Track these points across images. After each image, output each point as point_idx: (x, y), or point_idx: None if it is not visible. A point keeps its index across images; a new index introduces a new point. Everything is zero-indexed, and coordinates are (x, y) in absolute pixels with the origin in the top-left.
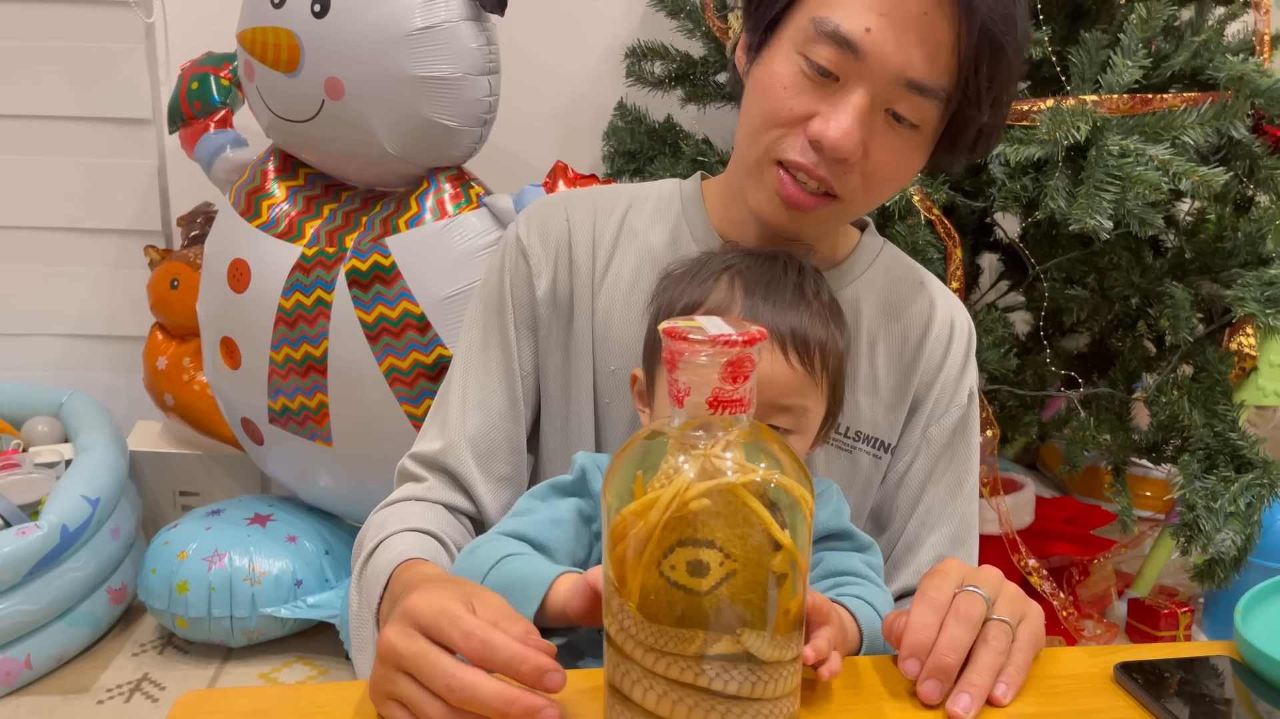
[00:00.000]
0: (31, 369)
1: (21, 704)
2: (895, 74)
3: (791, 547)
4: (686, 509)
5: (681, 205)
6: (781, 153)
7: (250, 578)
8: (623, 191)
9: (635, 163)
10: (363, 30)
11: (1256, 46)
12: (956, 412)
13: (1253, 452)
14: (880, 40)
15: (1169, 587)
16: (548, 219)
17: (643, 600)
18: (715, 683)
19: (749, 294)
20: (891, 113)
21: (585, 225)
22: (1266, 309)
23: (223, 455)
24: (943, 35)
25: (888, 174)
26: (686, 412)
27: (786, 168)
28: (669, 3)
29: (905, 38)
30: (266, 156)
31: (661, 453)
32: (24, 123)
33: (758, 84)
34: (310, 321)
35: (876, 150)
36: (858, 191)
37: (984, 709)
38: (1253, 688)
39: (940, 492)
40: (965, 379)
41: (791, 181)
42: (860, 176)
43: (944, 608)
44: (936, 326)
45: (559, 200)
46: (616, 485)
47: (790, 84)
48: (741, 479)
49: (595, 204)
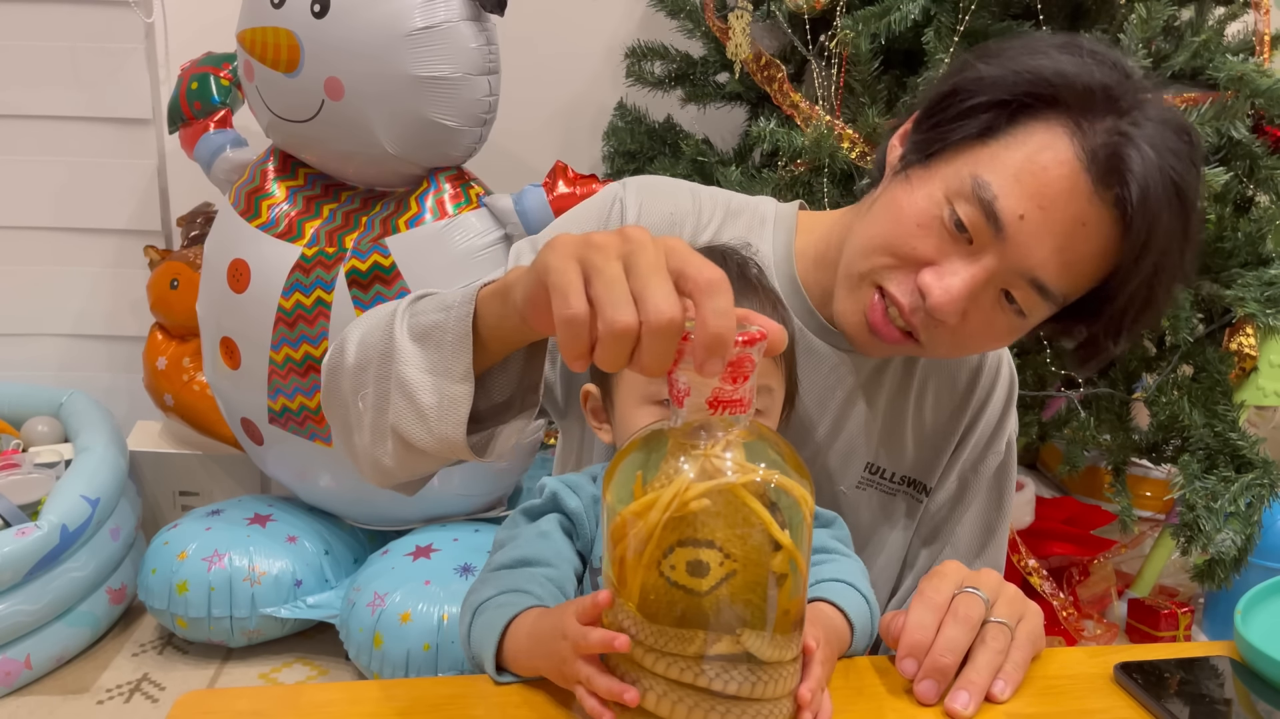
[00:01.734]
0: (31, 369)
1: (21, 704)
2: (1026, 269)
3: (792, 547)
4: (686, 509)
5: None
6: (886, 281)
7: (250, 578)
8: (719, 199)
9: (635, 163)
10: (363, 30)
11: (1256, 46)
12: (994, 459)
13: (1253, 452)
14: (1029, 232)
15: (1169, 587)
16: (657, 201)
17: (643, 600)
18: (715, 683)
19: None
20: (1005, 292)
21: (687, 227)
22: (1266, 309)
23: (223, 455)
24: (1090, 251)
25: (977, 343)
26: (686, 411)
27: (885, 295)
28: (669, 3)
29: (1052, 239)
30: (266, 156)
31: (662, 453)
32: (24, 123)
33: (895, 205)
34: (310, 322)
35: (976, 319)
36: (941, 346)
37: (984, 707)
38: (1253, 688)
39: (970, 537)
40: (1005, 426)
41: (883, 310)
42: (950, 335)
43: (942, 609)
44: (986, 371)
45: (667, 190)
46: (617, 485)
47: (925, 224)
48: (741, 479)
49: (699, 205)
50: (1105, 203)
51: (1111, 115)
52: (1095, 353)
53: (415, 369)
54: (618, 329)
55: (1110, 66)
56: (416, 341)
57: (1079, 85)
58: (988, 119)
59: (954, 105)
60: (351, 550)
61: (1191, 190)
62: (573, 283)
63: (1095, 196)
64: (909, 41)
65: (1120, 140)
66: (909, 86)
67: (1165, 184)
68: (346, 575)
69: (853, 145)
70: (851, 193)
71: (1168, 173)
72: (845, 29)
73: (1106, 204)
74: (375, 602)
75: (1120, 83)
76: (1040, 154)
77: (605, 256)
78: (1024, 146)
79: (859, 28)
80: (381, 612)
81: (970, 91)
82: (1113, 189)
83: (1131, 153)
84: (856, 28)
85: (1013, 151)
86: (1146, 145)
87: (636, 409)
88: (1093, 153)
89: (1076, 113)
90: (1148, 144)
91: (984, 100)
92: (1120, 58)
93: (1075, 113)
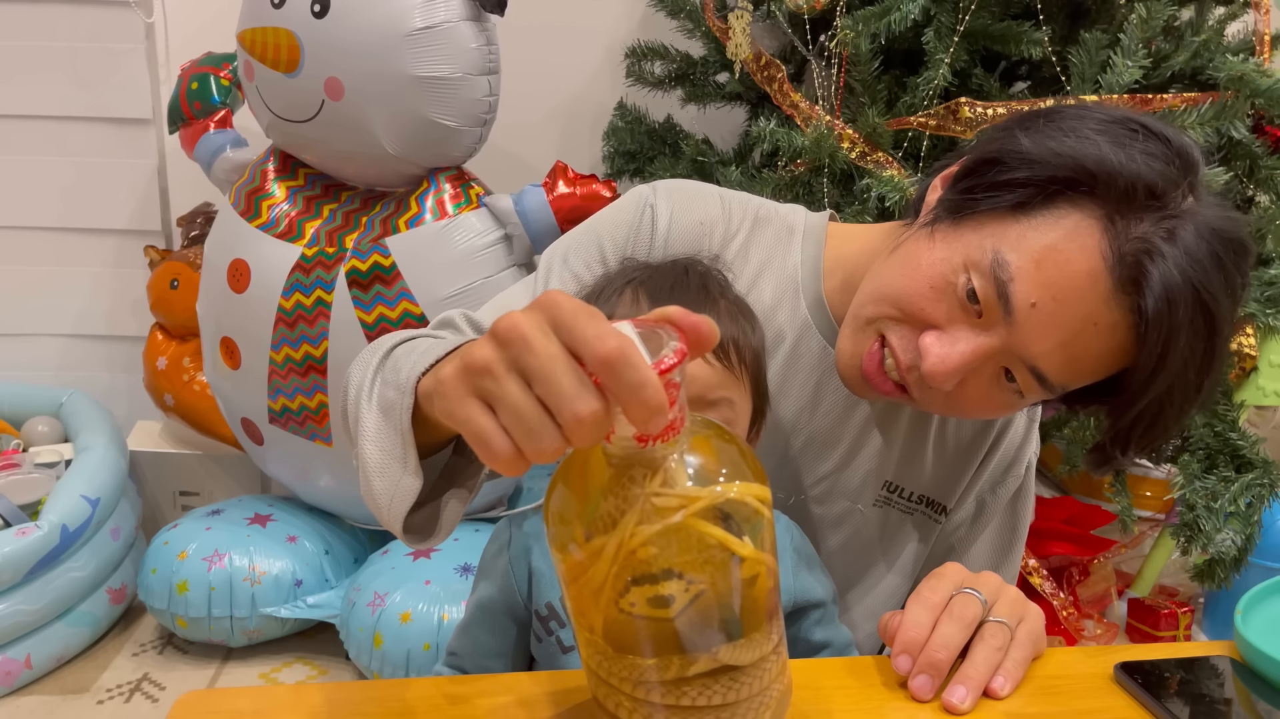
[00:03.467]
0: (31, 369)
1: (21, 704)
2: (1028, 357)
3: (754, 552)
4: (634, 557)
5: (801, 253)
6: (889, 331)
7: (250, 578)
8: (749, 207)
9: (635, 163)
10: (363, 30)
11: (1256, 46)
12: (1014, 483)
13: (1253, 452)
14: (1038, 321)
15: (1169, 587)
16: (688, 208)
17: (607, 634)
18: (699, 700)
19: (654, 302)
20: (1005, 370)
21: (717, 235)
22: (1266, 309)
23: (223, 455)
24: (1098, 351)
25: (971, 410)
26: (616, 447)
27: (885, 344)
28: (669, 3)
29: (1060, 333)
30: (266, 156)
31: (599, 487)
32: (24, 123)
33: (914, 260)
34: (310, 322)
35: (972, 389)
36: (934, 404)
37: (983, 705)
38: (1253, 688)
39: (984, 559)
40: (1027, 448)
41: (880, 360)
42: (944, 399)
43: (938, 608)
44: None
45: (699, 195)
46: (557, 529)
47: (938, 287)
48: (689, 512)
49: (728, 212)
50: (1123, 308)
51: (1151, 214)
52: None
53: (373, 446)
54: (545, 456)
55: (1163, 159)
56: (382, 412)
57: (1120, 182)
58: (1022, 195)
59: (991, 175)
60: (352, 550)
61: (1221, 312)
62: (484, 426)
63: (1113, 300)
64: (909, 41)
65: (1150, 249)
66: (909, 86)
67: (1190, 303)
68: (347, 575)
69: (853, 145)
70: (851, 193)
71: (1195, 292)
72: (845, 29)
73: (1124, 309)
74: (375, 601)
75: (1167, 177)
76: (1066, 243)
77: (497, 379)
78: (1053, 231)
79: (859, 28)
80: (382, 611)
81: (1008, 165)
82: (1131, 297)
83: (1158, 266)
84: (856, 28)
85: (1040, 234)
86: (1179, 258)
87: None
88: (1120, 255)
89: (1113, 207)
90: (1183, 256)
91: (1021, 176)
92: (1183, 142)
93: (1112, 207)
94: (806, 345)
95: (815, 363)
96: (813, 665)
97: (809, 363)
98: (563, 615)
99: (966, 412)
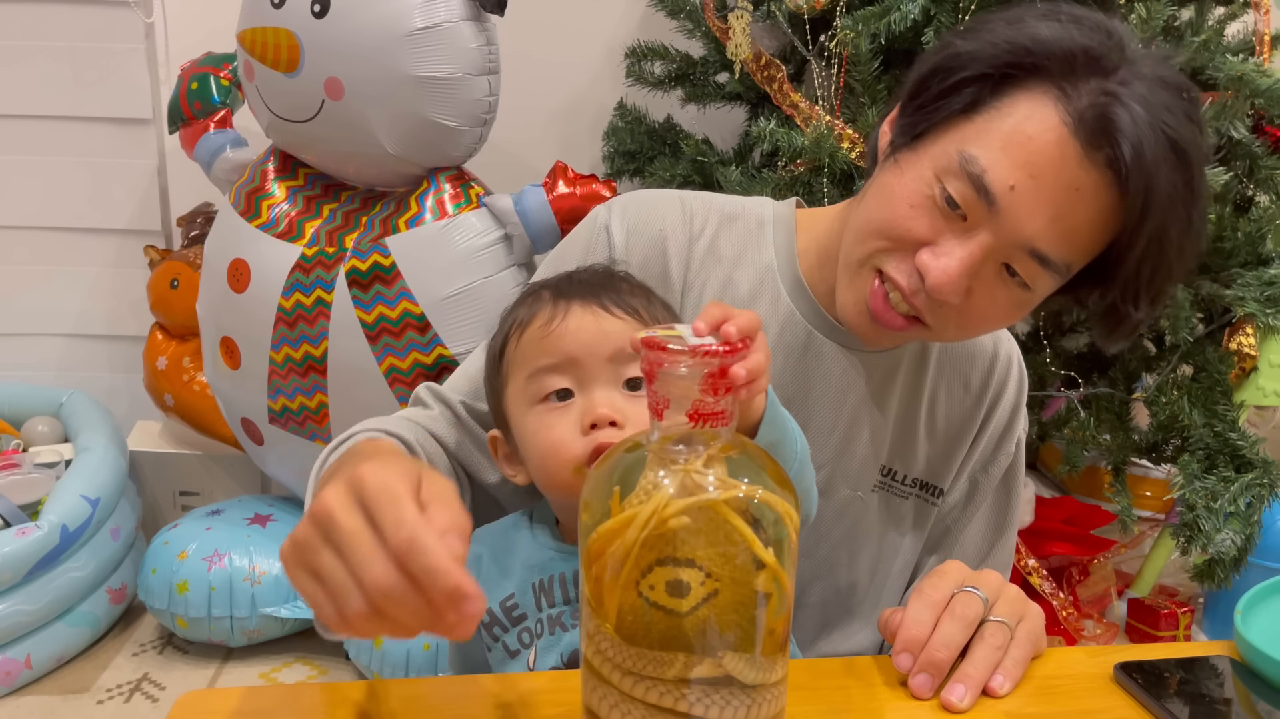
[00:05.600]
0: (31, 369)
1: (21, 704)
2: (1023, 240)
3: (776, 565)
4: (665, 527)
5: (774, 244)
6: (884, 264)
7: (250, 578)
8: (714, 206)
9: (635, 163)
10: (362, 30)
11: (1256, 46)
12: (1005, 460)
13: (1253, 452)
14: (1021, 203)
15: (1169, 587)
16: (643, 220)
17: (620, 622)
18: (696, 708)
19: (556, 291)
20: (1007, 266)
21: (680, 238)
22: (1266, 309)
23: (223, 455)
24: (1088, 217)
25: (984, 321)
26: (665, 425)
27: (884, 279)
28: (669, 3)
29: (1046, 207)
30: (266, 156)
31: (639, 468)
32: (24, 122)
33: (886, 189)
34: (310, 322)
35: (979, 296)
36: (949, 326)
37: (984, 705)
38: (1253, 688)
39: (979, 537)
40: (1015, 426)
41: (883, 296)
42: (957, 315)
43: (940, 606)
44: (998, 371)
45: (654, 203)
46: (592, 502)
47: (918, 204)
48: (723, 495)
49: (689, 215)
50: (1098, 165)
51: (1096, 77)
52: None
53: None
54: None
55: (1092, 28)
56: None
57: (1059, 50)
58: (970, 94)
59: (936, 84)
60: None
61: (1190, 144)
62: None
63: (1086, 160)
64: (909, 41)
65: (1107, 100)
66: None
67: (1159, 140)
68: None
69: (853, 145)
70: (851, 192)
71: (1161, 129)
72: (845, 29)
73: (1099, 167)
74: None
75: (1103, 43)
76: (1026, 123)
77: (315, 553)
78: (1009, 118)
79: (859, 28)
80: None
81: (951, 69)
82: (1103, 150)
83: (1119, 112)
84: (856, 28)
85: (998, 124)
86: (1136, 103)
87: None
88: (1079, 116)
89: (1060, 78)
90: (1137, 102)
91: (965, 76)
92: (1103, 19)
93: (1058, 78)
94: (792, 334)
95: (801, 351)
96: (813, 665)
97: (795, 351)
98: (504, 621)
99: (980, 322)
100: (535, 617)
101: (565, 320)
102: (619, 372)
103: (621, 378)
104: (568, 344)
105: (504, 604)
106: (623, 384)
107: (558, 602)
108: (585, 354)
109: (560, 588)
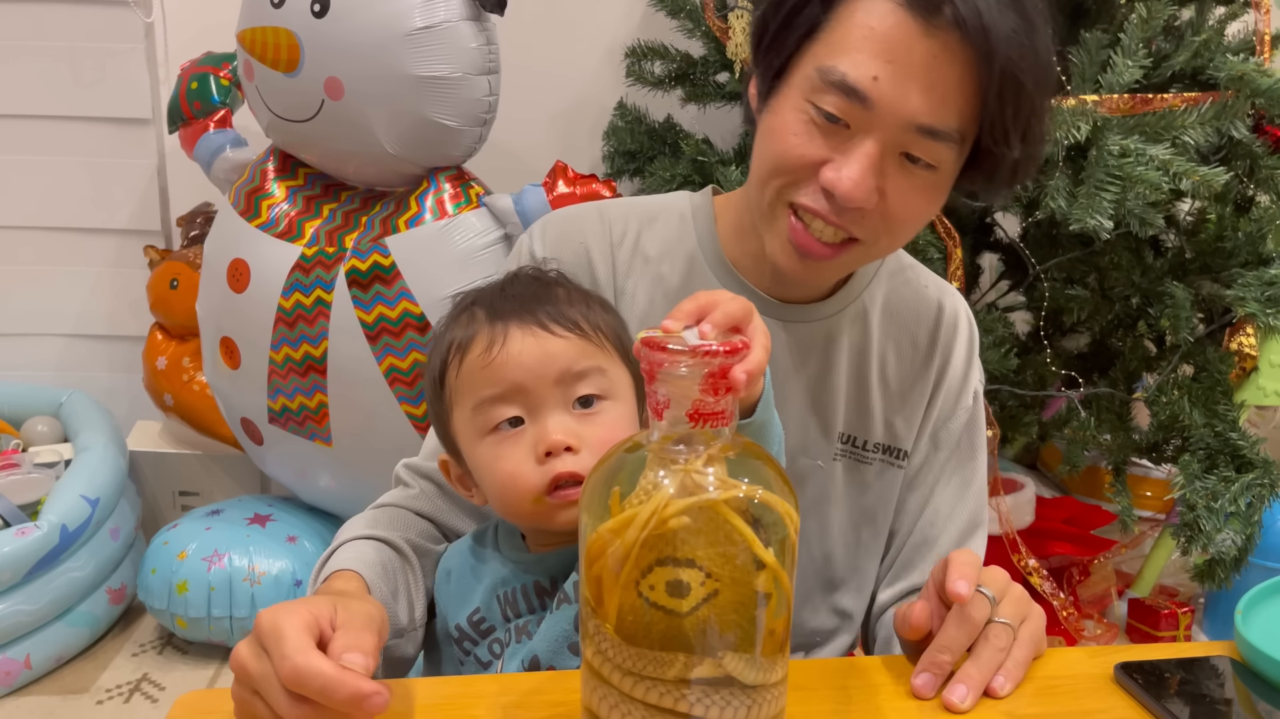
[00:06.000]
0: (31, 369)
1: (21, 704)
2: (905, 121)
3: (776, 565)
4: (666, 527)
5: (696, 233)
6: (794, 197)
7: (250, 578)
8: (633, 210)
9: (635, 163)
10: (362, 30)
11: (1256, 46)
12: (964, 414)
13: (1253, 452)
14: (888, 88)
15: (1169, 587)
16: (564, 235)
17: (620, 622)
18: (696, 708)
19: (491, 310)
20: (906, 155)
21: (602, 246)
22: (1266, 309)
23: (223, 455)
24: (953, 78)
25: (907, 215)
26: (666, 425)
27: (800, 213)
28: (669, 3)
29: (913, 84)
30: (266, 156)
31: (639, 468)
32: (24, 122)
33: (768, 130)
34: (310, 321)
35: (893, 193)
36: (879, 233)
37: (984, 705)
38: (1253, 688)
39: (949, 493)
40: (970, 379)
41: (804, 229)
42: (880, 219)
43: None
44: (945, 326)
45: (572, 217)
46: (592, 502)
47: (800, 131)
48: (723, 495)
49: (608, 223)
50: (942, 29)
51: None
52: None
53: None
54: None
55: None
56: None
57: None
58: (807, 17)
59: (774, 23)
60: None
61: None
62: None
63: (930, 28)
64: None
65: None
66: None
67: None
68: None
69: None
70: None
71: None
72: None
73: (943, 29)
74: None
75: None
76: (864, 20)
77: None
78: (848, 23)
79: None
80: None
81: (781, 3)
82: (940, 14)
83: None
84: None
85: (841, 33)
86: None
87: (489, 453)
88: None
89: None
90: None
91: (795, 4)
92: None
93: None
94: None
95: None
96: (813, 665)
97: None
98: (473, 635)
99: (906, 219)
100: (504, 627)
101: (505, 346)
102: (567, 393)
103: (571, 398)
104: (511, 372)
105: (471, 619)
106: (573, 404)
107: (523, 611)
108: (531, 380)
109: (524, 598)
